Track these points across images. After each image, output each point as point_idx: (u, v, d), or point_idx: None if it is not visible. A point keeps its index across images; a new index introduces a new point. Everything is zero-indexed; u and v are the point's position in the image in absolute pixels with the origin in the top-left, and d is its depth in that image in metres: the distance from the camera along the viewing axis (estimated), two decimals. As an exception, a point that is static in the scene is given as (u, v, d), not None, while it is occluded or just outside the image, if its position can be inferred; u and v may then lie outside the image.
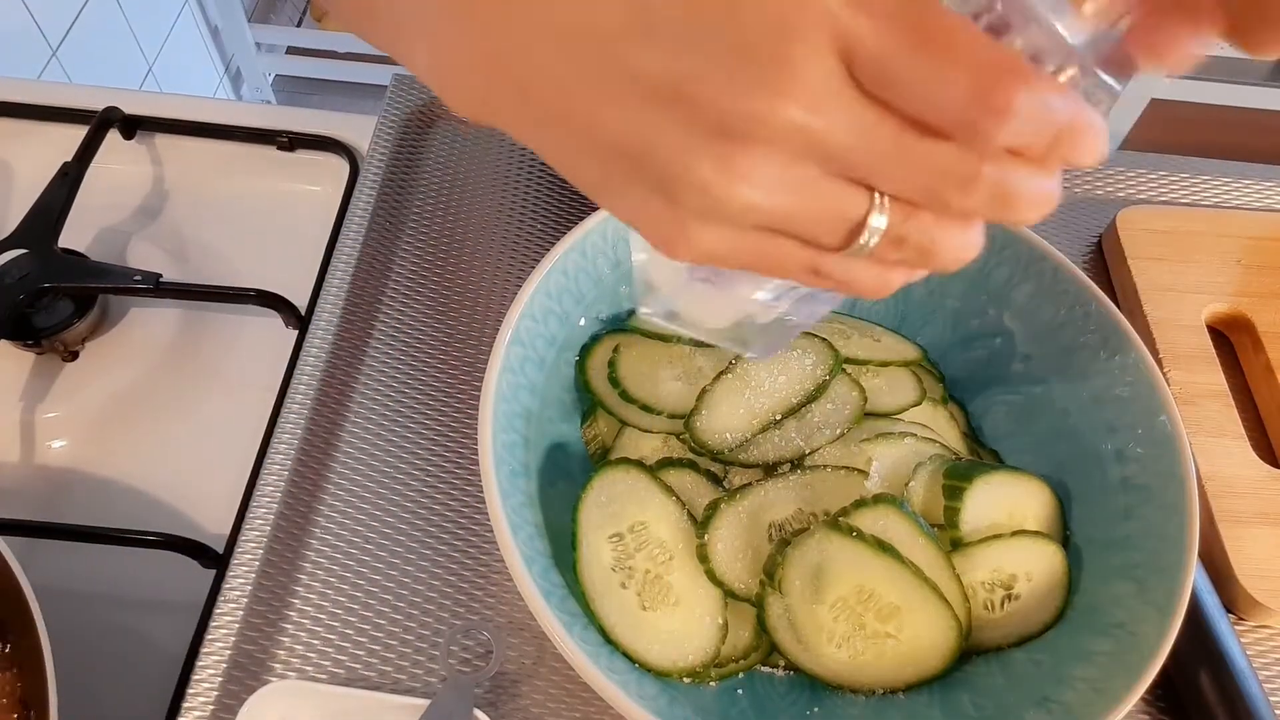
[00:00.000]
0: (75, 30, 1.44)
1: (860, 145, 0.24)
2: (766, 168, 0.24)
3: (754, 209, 0.25)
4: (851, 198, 0.25)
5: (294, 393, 0.53)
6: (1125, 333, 0.45)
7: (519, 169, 0.63)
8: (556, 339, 0.47)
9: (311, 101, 2.14)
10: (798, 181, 0.24)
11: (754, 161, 0.24)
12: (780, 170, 0.24)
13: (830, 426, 0.46)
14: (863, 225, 0.25)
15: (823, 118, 0.23)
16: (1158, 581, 0.40)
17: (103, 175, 0.65)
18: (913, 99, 0.23)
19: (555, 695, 0.44)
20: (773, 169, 0.24)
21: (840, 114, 0.24)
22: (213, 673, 0.44)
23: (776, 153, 0.24)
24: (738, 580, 0.42)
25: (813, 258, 0.27)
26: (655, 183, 0.25)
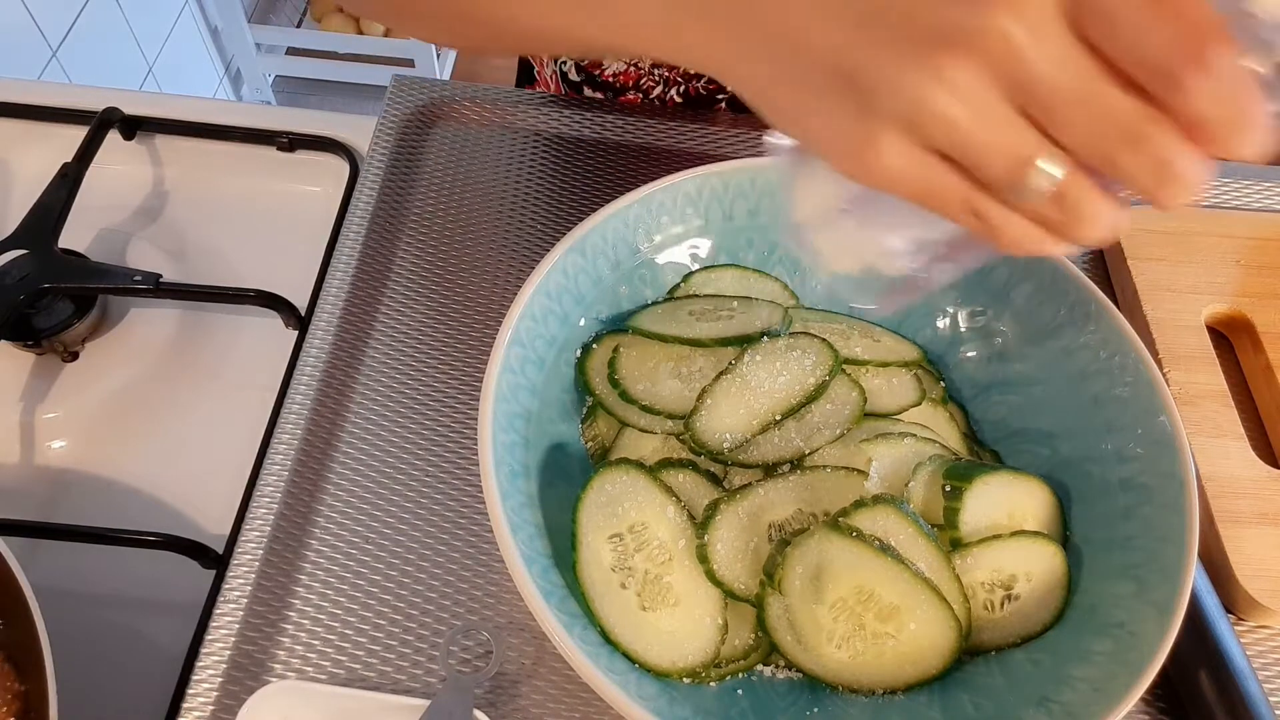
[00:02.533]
0: (75, 30, 1.44)
1: (1057, 80, 0.25)
2: (966, 78, 0.25)
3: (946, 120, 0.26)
4: (1032, 138, 0.27)
5: (294, 393, 0.53)
6: (1125, 333, 0.45)
7: (519, 169, 0.63)
8: (556, 339, 0.47)
9: (311, 102, 2.14)
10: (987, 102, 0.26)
11: (957, 68, 0.25)
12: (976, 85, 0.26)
13: (830, 427, 0.46)
14: (1030, 164, 0.27)
15: (1033, 41, 0.25)
16: (1158, 581, 0.40)
17: (103, 175, 0.65)
18: (1122, 39, 0.25)
19: (555, 695, 0.44)
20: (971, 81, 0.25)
21: (1049, 43, 0.25)
22: (213, 673, 0.44)
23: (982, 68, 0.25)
24: (738, 580, 0.42)
25: (974, 195, 0.28)
26: (858, 93, 0.27)
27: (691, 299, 0.51)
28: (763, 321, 0.48)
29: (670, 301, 0.51)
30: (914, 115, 0.26)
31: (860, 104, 0.27)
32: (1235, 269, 0.58)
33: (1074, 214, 0.28)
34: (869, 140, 0.27)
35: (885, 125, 0.27)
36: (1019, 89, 0.26)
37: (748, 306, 0.49)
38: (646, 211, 0.49)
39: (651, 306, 0.51)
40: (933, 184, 0.28)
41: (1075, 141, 0.26)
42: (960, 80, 0.26)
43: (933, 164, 0.27)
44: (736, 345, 0.47)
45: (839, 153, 0.28)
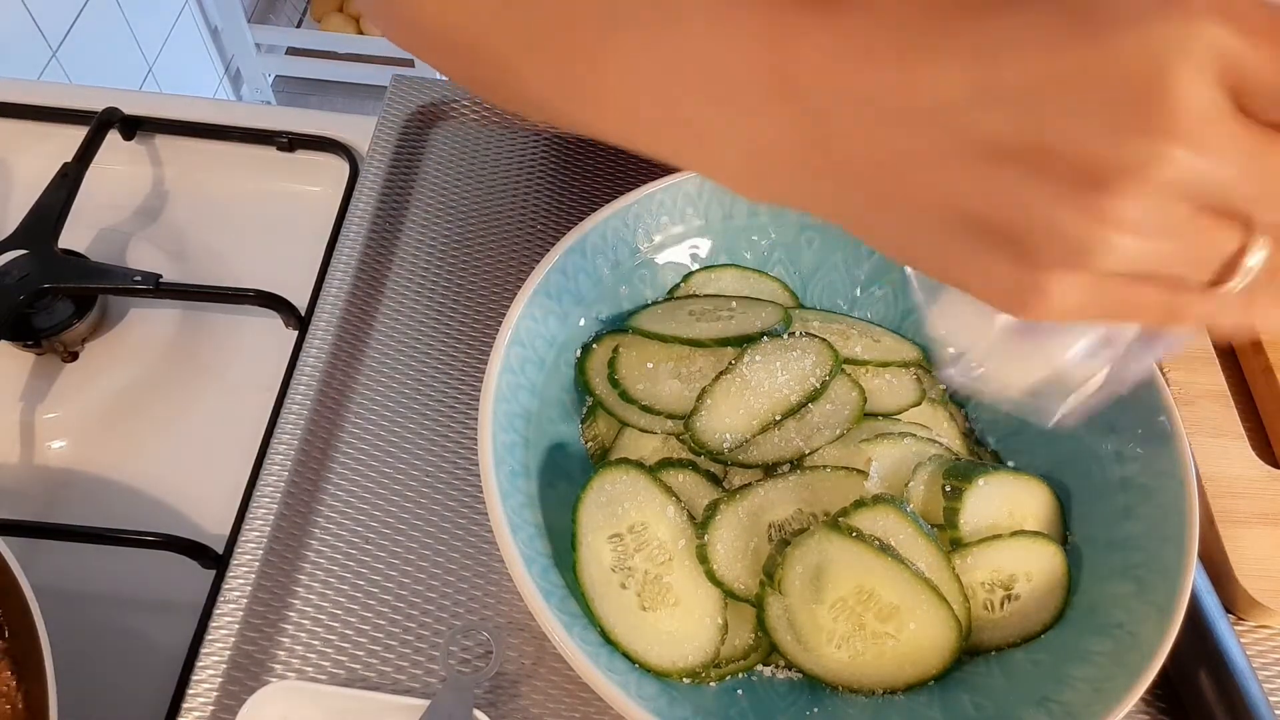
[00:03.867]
0: (75, 31, 1.44)
1: (1246, 177, 0.22)
2: (1139, 212, 0.23)
3: (1122, 255, 0.23)
4: (1227, 233, 0.24)
5: (294, 393, 0.53)
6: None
7: (519, 169, 0.63)
8: (556, 339, 0.47)
9: (311, 102, 2.14)
10: (1171, 221, 0.23)
11: (1128, 206, 0.22)
12: (1155, 213, 0.23)
13: (830, 427, 0.46)
14: (1238, 262, 0.24)
15: (1206, 154, 0.22)
16: (1158, 581, 0.40)
17: (103, 175, 0.65)
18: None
19: (555, 695, 0.44)
20: (1148, 212, 0.23)
21: (1225, 147, 0.22)
22: (213, 673, 0.44)
23: (1153, 195, 0.22)
24: (737, 580, 0.42)
25: (1175, 300, 0.25)
26: (1009, 243, 0.24)
27: (691, 299, 0.51)
28: (763, 321, 0.48)
29: (670, 301, 0.51)
30: (1083, 259, 0.23)
31: (1016, 254, 0.24)
32: (1235, 269, 0.58)
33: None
34: (1034, 286, 0.24)
35: (1051, 273, 0.24)
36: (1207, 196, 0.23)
37: (748, 306, 0.49)
38: (646, 211, 0.49)
39: (651, 306, 0.51)
40: (1121, 306, 0.25)
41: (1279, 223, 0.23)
42: (1132, 215, 0.22)
43: (1116, 286, 0.24)
44: (736, 345, 0.47)
45: (1002, 302, 0.25)
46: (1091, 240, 0.23)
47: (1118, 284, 0.24)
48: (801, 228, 0.52)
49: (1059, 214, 0.23)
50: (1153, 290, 0.25)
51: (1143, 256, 0.23)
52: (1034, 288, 0.24)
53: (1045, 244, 0.23)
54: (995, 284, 0.25)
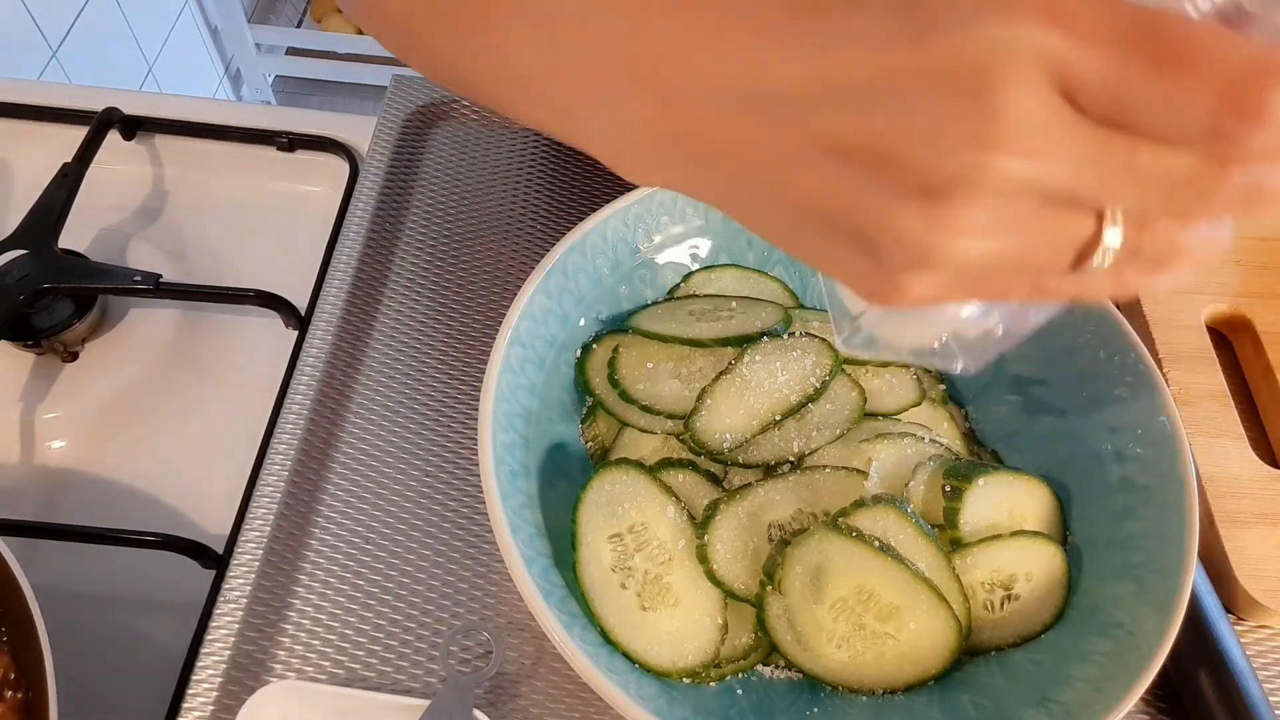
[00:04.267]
0: (75, 31, 1.44)
1: (1087, 173, 0.22)
2: (980, 215, 0.22)
3: (968, 256, 0.23)
4: (1078, 222, 0.23)
5: (294, 393, 0.53)
6: (1125, 333, 0.45)
7: (519, 169, 0.63)
8: (556, 339, 0.47)
9: (311, 102, 2.14)
10: (1015, 219, 0.23)
11: (965, 214, 0.22)
12: (995, 215, 0.23)
13: (830, 427, 0.46)
14: (1095, 244, 0.24)
15: (1040, 158, 0.22)
16: (1158, 581, 0.40)
17: (103, 175, 0.65)
18: (1152, 119, 0.21)
19: (555, 695, 0.44)
20: (987, 215, 0.22)
21: (1061, 147, 0.22)
22: (213, 673, 0.44)
23: (989, 200, 0.22)
24: (737, 580, 0.42)
25: (1038, 279, 0.25)
26: (857, 241, 0.24)
27: (691, 299, 0.51)
28: (763, 321, 0.48)
29: (670, 301, 0.51)
30: (929, 260, 0.23)
31: (868, 251, 0.24)
32: (1235, 269, 0.58)
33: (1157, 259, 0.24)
34: (889, 283, 0.25)
35: (901, 270, 0.24)
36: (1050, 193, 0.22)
37: (748, 306, 0.49)
38: (646, 211, 0.49)
39: (651, 306, 0.51)
40: (982, 291, 0.25)
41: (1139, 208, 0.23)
42: (970, 221, 0.22)
43: (973, 277, 0.24)
44: (736, 345, 0.47)
45: (862, 291, 0.26)
46: (933, 244, 0.23)
47: (973, 274, 0.24)
48: (801, 228, 0.52)
49: (900, 220, 0.23)
50: (1013, 274, 0.25)
51: (990, 252, 0.23)
52: (888, 283, 0.25)
53: (890, 247, 0.24)
54: (854, 276, 0.26)
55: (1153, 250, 0.24)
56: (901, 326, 0.32)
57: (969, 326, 0.31)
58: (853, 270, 0.25)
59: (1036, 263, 0.24)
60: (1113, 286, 0.25)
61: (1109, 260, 0.24)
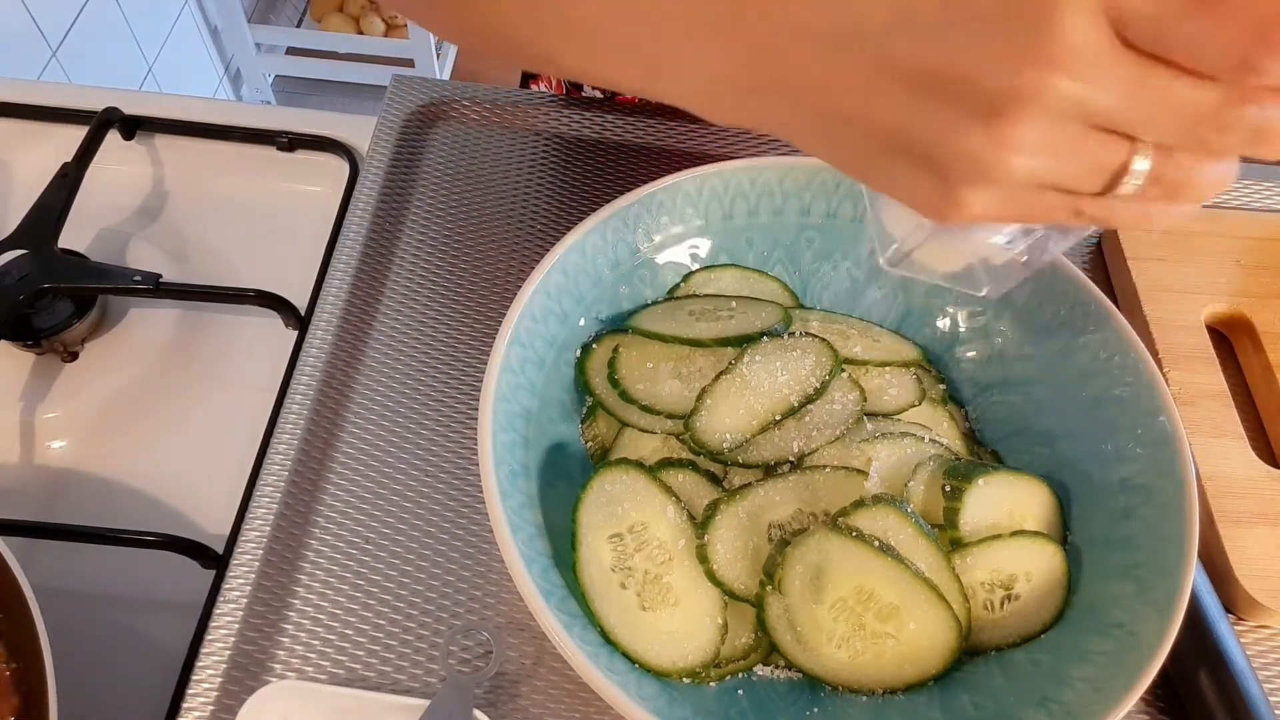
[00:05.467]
0: (75, 30, 1.44)
1: (1127, 102, 0.25)
2: (1035, 134, 0.25)
3: (1023, 171, 0.26)
4: (1115, 147, 0.26)
5: (294, 393, 0.53)
6: (1125, 333, 0.45)
7: (519, 169, 0.63)
8: (556, 339, 0.47)
9: (311, 102, 2.14)
10: (1064, 141, 0.26)
11: (1022, 131, 0.25)
12: (1047, 134, 0.26)
13: (830, 427, 0.46)
14: (1125, 170, 0.27)
15: (1090, 82, 0.25)
16: (1158, 581, 0.40)
17: (103, 175, 0.65)
18: (1187, 52, 0.24)
19: (555, 695, 0.44)
20: (1040, 134, 0.25)
21: (1107, 74, 0.25)
22: (213, 673, 0.44)
23: (1044, 119, 0.25)
24: (737, 580, 0.42)
25: (1076, 202, 0.28)
26: (926, 161, 0.27)
27: (691, 299, 0.51)
28: (763, 321, 0.48)
29: (670, 301, 0.51)
30: (985, 174, 0.26)
31: (932, 170, 0.27)
32: (1235, 269, 0.58)
33: (1176, 186, 0.28)
34: (950, 199, 0.27)
35: (962, 185, 0.27)
36: (1094, 117, 0.26)
37: (748, 306, 0.49)
38: (646, 211, 0.49)
39: (651, 306, 0.51)
40: (1028, 210, 0.28)
41: (1166, 138, 0.26)
42: (1027, 138, 0.26)
43: (1023, 194, 0.27)
44: (736, 345, 0.47)
45: (922, 208, 0.29)
46: (993, 160, 0.26)
47: (1023, 192, 0.27)
48: (801, 228, 0.52)
49: (964, 138, 0.26)
50: (1055, 196, 0.28)
51: (1040, 171, 0.27)
52: (949, 199, 0.28)
53: (954, 163, 0.27)
54: (917, 195, 0.29)
55: (1173, 179, 0.27)
56: (939, 250, 0.35)
57: (997, 253, 0.34)
58: (918, 190, 0.28)
59: (1076, 183, 0.27)
60: (1135, 214, 0.29)
61: (1135, 186, 0.27)
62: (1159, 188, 0.28)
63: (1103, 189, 0.27)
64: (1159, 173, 0.27)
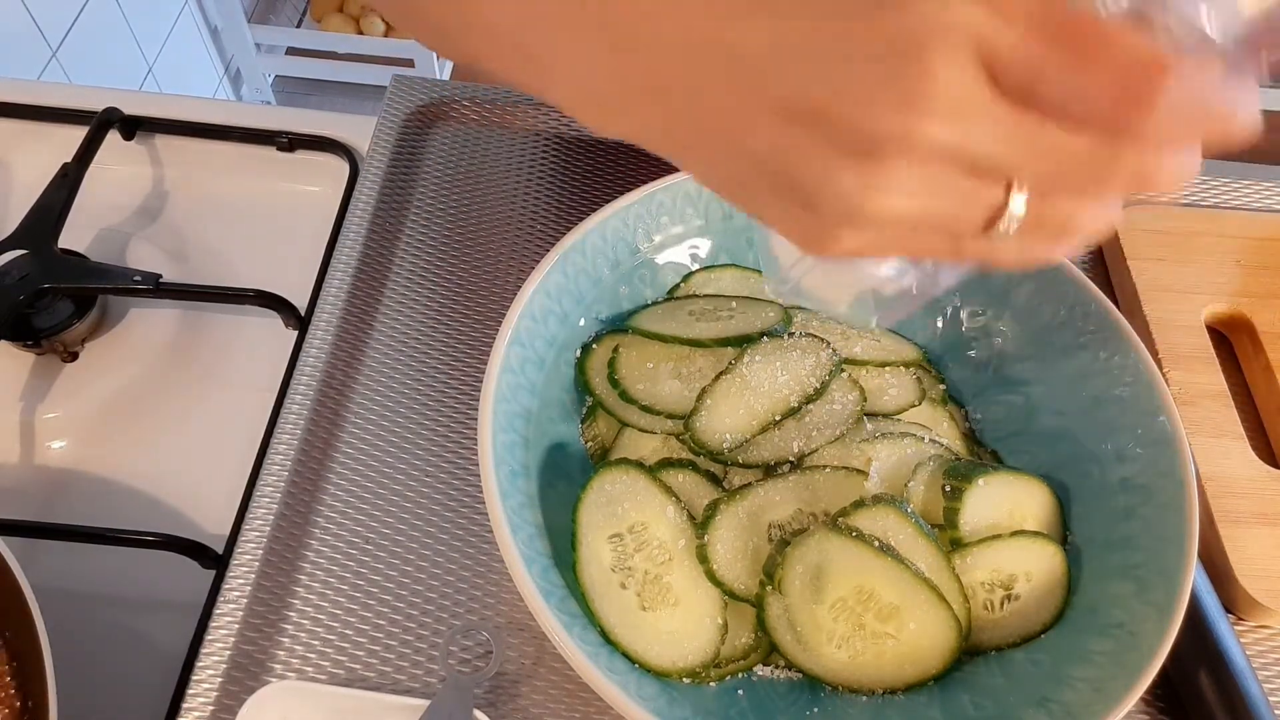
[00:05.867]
0: (75, 31, 1.44)
1: (1000, 147, 0.25)
2: (906, 178, 0.25)
3: (895, 214, 0.26)
4: (989, 191, 0.26)
5: (294, 393, 0.53)
6: (1125, 333, 0.45)
7: (519, 169, 0.63)
8: (556, 339, 0.47)
9: (311, 102, 2.14)
10: (936, 184, 0.25)
11: (893, 174, 0.25)
12: (919, 178, 0.25)
13: (830, 427, 0.46)
14: (1002, 211, 0.26)
15: (962, 128, 0.24)
16: (1158, 581, 0.40)
17: (103, 175, 0.65)
18: (1057, 99, 0.24)
19: (555, 695, 0.44)
20: (911, 178, 0.25)
21: (980, 120, 0.24)
22: (213, 673, 0.44)
23: (915, 164, 0.25)
24: (737, 580, 0.42)
25: (954, 241, 0.28)
26: (797, 195, 0.27)
27: (691, 299, 0.51)
28: (763, 321, 0.48)
29: (670, 301, 0.51)
30: (860, 216, 0.26)
31: (808, 204, 0.27)
32: (1235, 269, 0.58)
33: (1057, 229, 0.27)
34: (824, 233, 0.27)
35: (834, 223, 0.26)
36: (967, 163, 0.25)
37: (748, 306, 0.49)
38: (646, 211, 0.49)
39: (651, 306, 0.51)
40: (906, 247, 0.28)
41: (1043, 183, 0.26)
42: (897, 181, 0.25)
43: (898, 234, 0.27)
44: (736, 345, 0.47)
45: (798, 241, 0.28)
46: (863, 201, 0.26)
47: (898, 231, 0.27)
48: (801, 228, 0.52)
49: (836, 176, 0.25)
50: (933, 236, 0.27)
51: (914, 212, 0.26)
52: (821, 233, 0.27)
53: (825, 201, 0.26)
54: (791, 227, 0.28)
55: (1052, 221, 0.27)
56: (827, 279, 0.35)
57: (887, 284, 0.34)
58: (793, 222, 0.28)
59: (952, 225, 0.27)
60: (1017, 253, 0.28)
61: (1014, 227, 0.27)
62: (1040, 230, 0.27)
63: (980, 231, 0.27)
64: (1037, 215, 0.27)
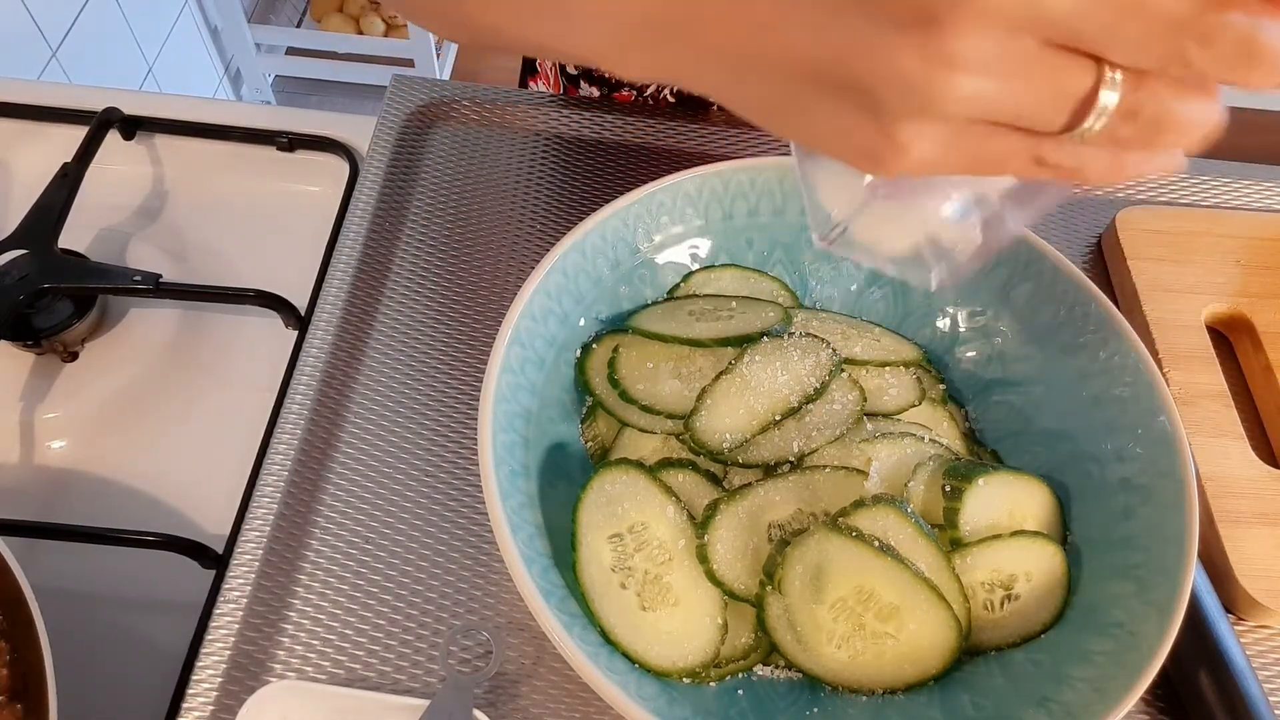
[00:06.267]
0: (75, 31, 1.44)
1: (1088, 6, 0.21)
2: (979, 47, 0.21)
3: (970, 98, 0.22)
4: (1077, 70, 0.22)
5: (294, 393, 0.53)
6: (1125, 333, 0.45)
7: (519, 169, 0.63)
8: (556, 339, 0.47)
9: (311, 102, 2.14)
10: (1015, 58, 0.22)
11: (964, 42, 0.21)
12: (995, 48, 0.22)
13: (830, 427, 0.46)
14: (1092, 100, 0.23)
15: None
16: (1158, 581, 0.40)
17: (103, 175, 0.65)
18: None
19: (555, 695, 0.44)
20: (986, 47, 0.22)
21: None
22: (213, 673, 0.44)
23: (989, 29, 0.21)
24: (737, 580, 0.42)
25: (1036, 146, 0.24)
26: (855, 95, 0.23)
27: (691, 299, 0.51)
28: (763, 321, 0.48)
29: (670, 301, 0.51)
30: (925, 104, 0.22)
31: (865, 105, 0.23)
32: (1235, 269, 0.58)
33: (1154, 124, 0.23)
34: (888, 141, 0.23)
35: (901, 122, 0.23)
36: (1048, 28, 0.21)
37: (748, 306, 0.49)
38: (646, 211, 0.49)
39: (651, 306, 0.51)
40: (980, 154, 0.24)
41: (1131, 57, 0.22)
42: (969, 52, 0.21)
43: (973, 134, 0.23)
44: (736, 345, 0.47)
45: (858, 157, 0.25)
46: (932, 82, 0.22)
47: (972, 132, 0.23)
48: (802, 228, 0.52)
49: (899, 59, 0.22)
50: (1009, 137, 0.24)
51: (989, 96, 0.22)
52: (888, 142, 0.24)
53: (891, 93, 0.23)
54: (853, 142, 0.25)
55: (1149, 114, 0.23)
56: (880, 223, 0.31)
57: (948, 229, 0.30)
58: (850, 134, 0.24)
59: (1033, 116, 0.23)
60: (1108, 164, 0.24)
61: (1104, 122, 0.23)
62: (1133, 125, 0.23)
63: (1066, 125, 0.23)
64: (1131, 104, 0.23)
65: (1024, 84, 0.22)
